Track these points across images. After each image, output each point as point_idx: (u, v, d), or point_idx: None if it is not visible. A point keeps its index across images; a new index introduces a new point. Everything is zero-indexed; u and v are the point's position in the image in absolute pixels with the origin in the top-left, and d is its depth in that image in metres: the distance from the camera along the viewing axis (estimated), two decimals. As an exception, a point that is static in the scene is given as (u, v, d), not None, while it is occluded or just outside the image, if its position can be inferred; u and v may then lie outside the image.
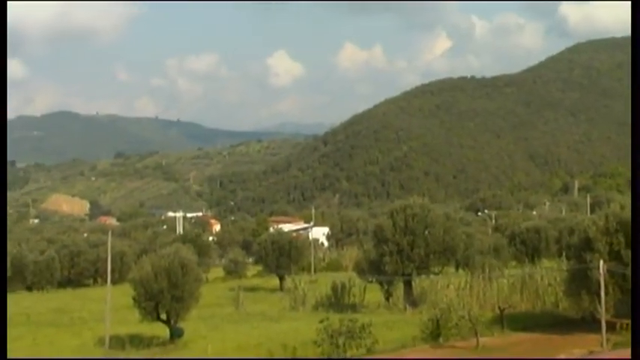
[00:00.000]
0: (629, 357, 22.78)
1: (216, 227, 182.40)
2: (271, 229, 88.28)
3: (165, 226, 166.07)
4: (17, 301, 60.71)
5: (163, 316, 36.34)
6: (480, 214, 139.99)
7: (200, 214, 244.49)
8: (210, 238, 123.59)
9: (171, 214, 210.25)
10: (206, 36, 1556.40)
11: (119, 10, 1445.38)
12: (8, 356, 33.03)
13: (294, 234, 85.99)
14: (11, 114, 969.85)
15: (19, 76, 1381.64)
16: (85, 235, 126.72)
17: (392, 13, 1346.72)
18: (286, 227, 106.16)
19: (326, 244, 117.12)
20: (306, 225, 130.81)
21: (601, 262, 32.37)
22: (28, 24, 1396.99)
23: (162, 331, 36.95)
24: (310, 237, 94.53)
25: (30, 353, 34.61)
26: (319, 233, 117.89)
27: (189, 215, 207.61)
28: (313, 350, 29.40)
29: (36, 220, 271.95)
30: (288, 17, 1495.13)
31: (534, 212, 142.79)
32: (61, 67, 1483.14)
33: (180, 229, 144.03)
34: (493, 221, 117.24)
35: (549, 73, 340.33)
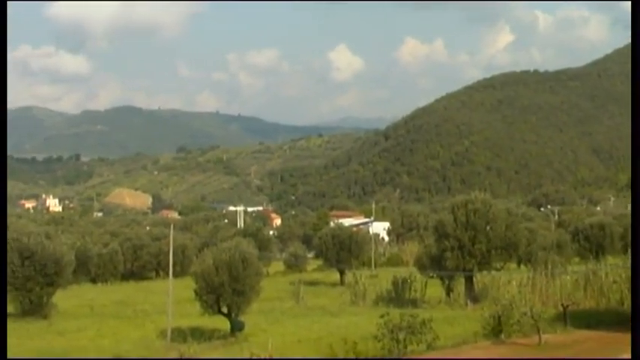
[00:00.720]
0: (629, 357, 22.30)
1: (277, 221, 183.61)
2: (332, 224, 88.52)
3: (226, 220, 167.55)
4: (81, 293, 61.63)
5: (224, 310, 36.50)
6: (542, 209, 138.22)
7: (261, 208, 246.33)
8: (271, 232, 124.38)
9: (232, 208, 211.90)
10: (267, 31, 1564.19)
11: (181, 6, 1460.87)
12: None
13: (355, 228, 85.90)
14: (76, 109, 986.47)
15: (84, 72, 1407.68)
16: (148, 228, 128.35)
17: (454, 7, 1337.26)
18: (347, 222, 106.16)
19: (386, 238, 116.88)
20: (366, 219, 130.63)
21: (668, 259, 31.68)
22: (92, 21, 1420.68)
23: (223, 324, 37.14)
24: (371, 232, 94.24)
25: (94, 344, 35.10)
26: (380, 228, 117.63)
27: (250, 209, 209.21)
28: (374, 345, 29.26)
29: (100, 214, 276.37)
30: (350, 11, 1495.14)
31: (598, 208, 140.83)
32: (124, 62, 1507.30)
33: (241, 223, 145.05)
34: (556, 217, 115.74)
35: (615, 67, 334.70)
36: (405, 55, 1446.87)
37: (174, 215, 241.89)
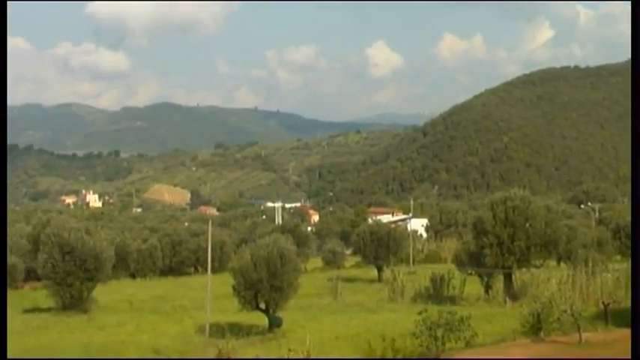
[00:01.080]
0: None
1: (315, 218, 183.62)
2: (370, 220, 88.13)
3: (264, 216, 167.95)
4: (121, 288, 62.12)
5: (262, 306, 36.63)
6: (583, 206, 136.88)
7: (299, 204, 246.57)
8: (309, 229, 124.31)
9: (270, 204, 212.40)
10: (305, 27, 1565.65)
11: (220, 4, 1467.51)
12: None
13: (393, 225, 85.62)
14: (116, 105, 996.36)
15: (124, 69, 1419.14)
16: (186, 224, 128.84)
17: (493, 2, 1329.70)
18: (385, 218, 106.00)
19: (424, 235, 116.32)
20: (404, 216, 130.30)
21: None
22: (131, 18, 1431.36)
23: (261, 320, 37.26)
24: (409, 228, 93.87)
25: (133, 339, 35.36)
26: (418, 224, 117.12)
27: (287, 205, 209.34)
28: (412, 342, 29.15)
29: (139, 209, 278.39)
30: (388, 8, 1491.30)
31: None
32: (163, 59, 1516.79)
33: (279, 219, 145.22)
34: (597, 214, 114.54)
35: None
36: (443, 51, 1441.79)
37: (213, 211, 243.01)
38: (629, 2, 25.26)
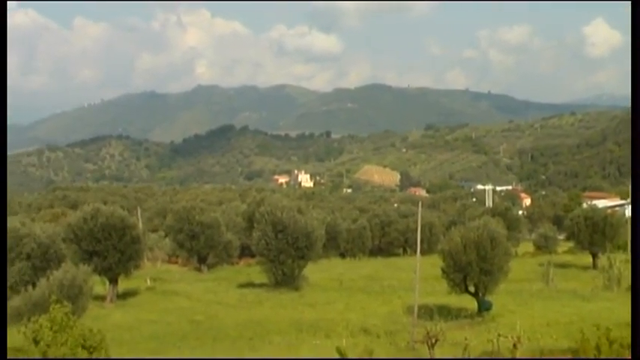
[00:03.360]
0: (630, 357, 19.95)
1: (526, 201, 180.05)
2: (584, 205, 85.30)
3: (474, 199, 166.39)
4: (331, 267, 63.33)
5: (471, 289, 36.25)
6: None
7: (510, 187, 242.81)
8: (520, 212, 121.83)
9: (480, 186, 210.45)
10: (519, 7, 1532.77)
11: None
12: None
13: (609, 210, 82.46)
14: (328, 87, 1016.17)
15: (336, 51, 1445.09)
16: (395, 205, 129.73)
17: None
18: (600, 203, 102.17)
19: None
20: (622, 202, 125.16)
21: None
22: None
23: (470, 303, 36.86)
24: (627, 214, 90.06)
25: (342, 317, 35.88)
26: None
27: (498, 188, 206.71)
28: (628, 332, 27.88)
29: (349, 190, 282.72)
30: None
31: None
32: (374, 40, 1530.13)
33: (489, 202, 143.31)
34: None
35: None
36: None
37: (422, 193, 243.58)
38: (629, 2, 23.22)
